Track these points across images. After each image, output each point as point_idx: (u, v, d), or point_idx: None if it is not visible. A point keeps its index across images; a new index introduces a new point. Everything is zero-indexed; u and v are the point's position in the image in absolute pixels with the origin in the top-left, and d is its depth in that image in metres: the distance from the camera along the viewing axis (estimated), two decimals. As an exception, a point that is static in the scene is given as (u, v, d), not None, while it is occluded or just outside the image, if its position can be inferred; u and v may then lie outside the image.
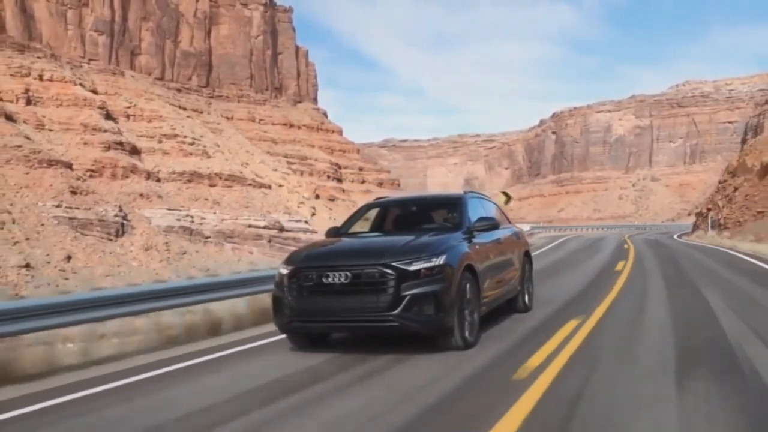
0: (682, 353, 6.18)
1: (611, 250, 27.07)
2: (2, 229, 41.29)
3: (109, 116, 66.18)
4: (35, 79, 64.60)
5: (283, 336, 6.97)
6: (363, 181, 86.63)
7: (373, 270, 6.01)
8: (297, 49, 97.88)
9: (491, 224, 7.41)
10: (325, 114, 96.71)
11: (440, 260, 6.10)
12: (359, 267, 6.08)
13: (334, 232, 7.87)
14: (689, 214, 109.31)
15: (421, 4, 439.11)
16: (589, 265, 18.86)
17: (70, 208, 49.91)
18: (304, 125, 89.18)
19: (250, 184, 67.88)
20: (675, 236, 48.19)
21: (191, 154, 67.61)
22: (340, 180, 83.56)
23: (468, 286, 6.48)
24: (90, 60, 74.67)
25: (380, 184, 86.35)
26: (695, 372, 5.40)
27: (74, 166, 56.12)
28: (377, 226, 8.12)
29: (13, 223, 43.05)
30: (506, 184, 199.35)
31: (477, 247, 6.98)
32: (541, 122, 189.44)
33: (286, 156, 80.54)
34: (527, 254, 9.23)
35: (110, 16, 77.04)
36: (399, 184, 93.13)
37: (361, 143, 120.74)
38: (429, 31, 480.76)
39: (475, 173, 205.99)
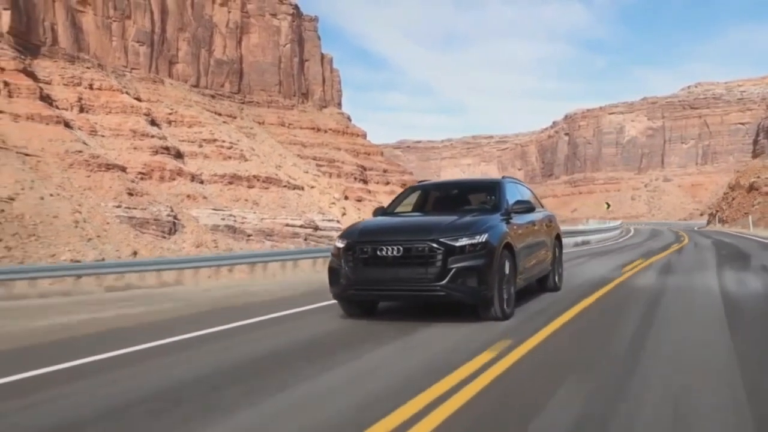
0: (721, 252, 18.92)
1: (666, 232, 44.09)
2: (77, 227, 45.80)
3: (153, 122, 70.77)
4: (86, 88, 69.32)
5: None
6: (387, 183, 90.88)
7: (423, 245, 6.55)
8: (322, 56, 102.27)
9: (527, 207, 7.88)
10: (349, 118, 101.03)
11: (483, 238, 6.63)
12: (410, 242, 6.62)
13: (381, 212, 8.47)
14: (701, 214, 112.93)
15: (430, 2, 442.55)
16: (667, 236, 36.53)
17: (129, 208, 54.44)
18: (330, 129, 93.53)
19: (285, 186, 72.25)
20: (695, 228, 62.30)
21: (230, 157, 72.07)
22: (366, 181, 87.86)
23: (506, 262, 6.99)
24: (132, 69, 79.25)
25: (403, 185, 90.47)
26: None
27: (127, 170, 60.71)
28: (419, 207, 8.63)
29: (84, 222, 47.57)
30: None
31: (514, 227, 7.49)
32: (554, 123, 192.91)
33: (315, 159, 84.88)
34: (558, 237, 9.83)
35: (150, 27, 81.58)
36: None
37: (375, 144, 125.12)
38: (438, 30, 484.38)
39: (489, 174, 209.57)
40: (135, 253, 47.24)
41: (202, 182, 66.88)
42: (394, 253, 6.59)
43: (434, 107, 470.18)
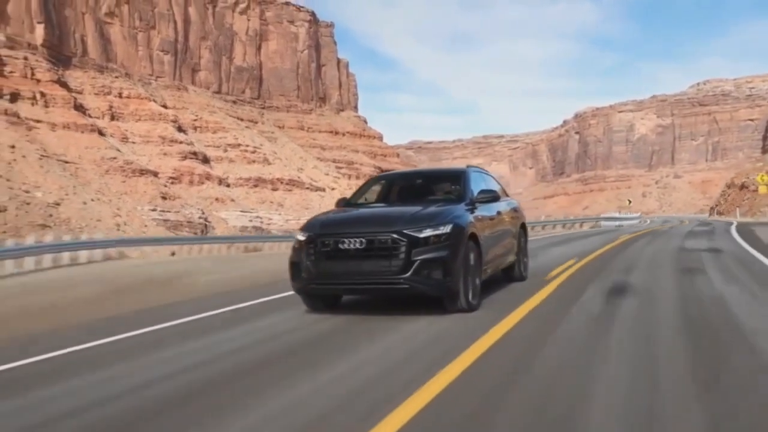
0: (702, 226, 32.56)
1: (674, 220, 58.99)
2: (119, 229, 48.60)
3: (180, 129, 73.72)
4: (116, 96, 72.37)
5: None
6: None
7: (386, 237, 6.35)
8: (338, 60, 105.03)
9: (492, 196, 7.77)
10: (365, 121, 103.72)
11: (447, 228, 6.43)
12: (373, 234, 6.42)
13: (344, 203, 8.22)
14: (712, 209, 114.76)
15: (438, 3, 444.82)
16: (674, 222, 50.92)
17: (163, 211, 57.29)
18: (348, 132, 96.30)
19: (307, 188, 75.02)
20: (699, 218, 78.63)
21: (254, 161, 74.90)
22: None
23: (472, 253, 6.81)
24: (157, 77, 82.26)
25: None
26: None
27: (159, 174, 63.61)
28: (383, 198, 8.39)
29: (125, 224, 50.39)
30: (530, 183, 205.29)
31: (479, 217, 7.31)
32: (564, 122, 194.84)
33: (334, 161, 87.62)
34: (523, 227, 9.67)
35: (174, 36, 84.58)
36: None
37: (391, 146, 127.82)
38: (445, 30, 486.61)
39: (500, 173, 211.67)
40: (173, 253, 49.92)
41: (228, 185, 69.71)
42: (357, 245, 6.39)
43: (444, 107, 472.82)
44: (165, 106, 76.42)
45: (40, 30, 68.59)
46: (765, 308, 6.28)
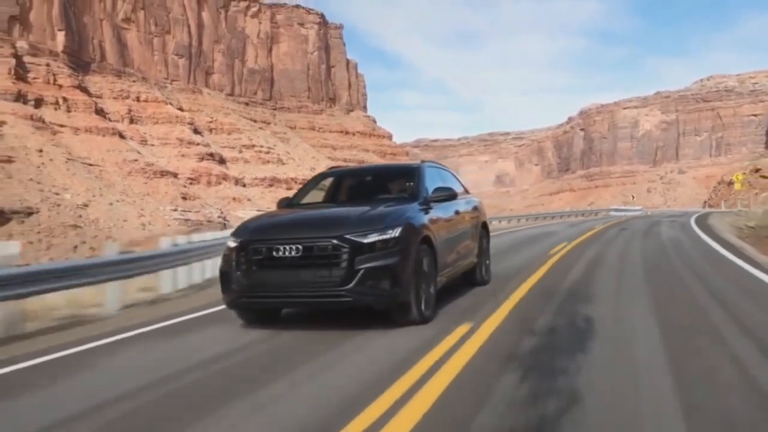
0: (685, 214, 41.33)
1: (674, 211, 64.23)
2: (144, 229, 50.85)
3: (196, 131, 75.95)
4: (134, 100, 74.63)
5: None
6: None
7: (326, 243, 5.76)
8: (347, 62, 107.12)
9: (448, 195, 7.16)
10: (374, 120, 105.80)
11: (396, 232, 5.88)
12: (311, 240, 5.82)
13: (285, 203, 7.59)
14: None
15: (443, 1, 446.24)
16: (672, 212, 57.99)
17: (184, 211, 59.52)
18: (358, 132, 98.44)
19: (320, 187, 77.19)
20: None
21: (268, 161, 77.09)
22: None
23: (425, 259, 6.26)
24: (172, 80, 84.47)
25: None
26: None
27: (178, 175, 65.83)
28: (332, 197, 7.78)
29: (150, 224, 52.61)
30: (536, 179, 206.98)
31: (434, 218, 6.74)
32: (570, 119, 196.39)
33: (345, 160, 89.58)
34: (485, 226, 9.09)
35: (188, 41, 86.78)
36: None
37: (400, 145, 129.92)
38: (451, 28, 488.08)
39: (506, 170, 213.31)
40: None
41: (244, 185, 71.91)
42: (293, 253, 5.76)
43: (450, 105, 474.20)
44: (181, 109, 78.62)
45: (60, 37, 70.84)
46: (671, 230, 20.15)
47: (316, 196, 7.91)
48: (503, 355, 4.61)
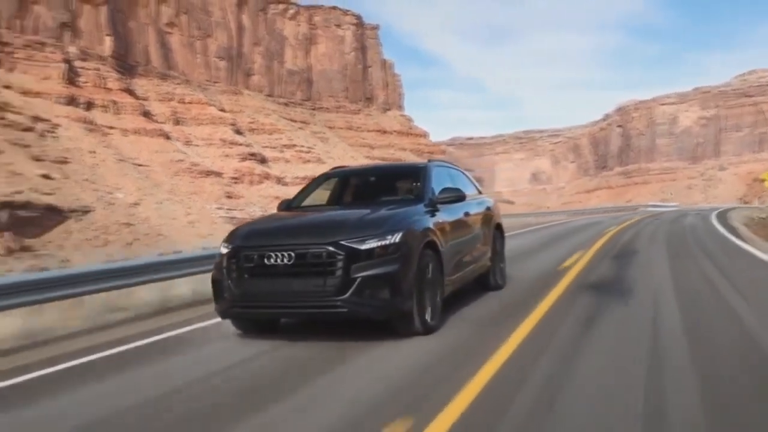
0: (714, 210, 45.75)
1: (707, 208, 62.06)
2: (193, 227, 52.61)
3: (238, 131, 77.77)
4: (178, 102, 76.72)
5: None
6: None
7: (320, 250, 5.42)
8: (384, 61, 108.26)
9: (456, 196, 6.81)
10: (411, 120, 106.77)
11: (396, 237, 5.54)
12: (304, 246, 5.50)
13: (285, 206, 7.31)
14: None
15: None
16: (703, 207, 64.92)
17: (229, 209, 61.22)
18: (395, 131, 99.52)
19: (359, 186, 78.46)
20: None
21: (308, 161, 78.57)
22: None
23: (430, 265, 5.95)
24: (214, 82, 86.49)
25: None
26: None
27: (222, 175, 67.62)
28: (336, 199, 7.52)
29: (197, 222, 54.37)
30: (572, 177, 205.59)
31: (440, 221, 6.43)
32: (606, 116, 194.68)
33: (382, 159, 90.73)
34: (499, 228, 8.71)
35: (228, 43, 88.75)
36: (483, 182, 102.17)
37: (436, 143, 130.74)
38: (484, 24, 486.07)
39: (542, 167, 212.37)
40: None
41: (286, 184, 73.40)
42: (285, 260, 5.46)
43: (484, 103, 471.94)
44: (223, 110, 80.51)
45: (108, 42, 73.17)
46: (693, 219, 27.90)
47: (322, 197, 7.66)
48: (607, 255, 12.77)
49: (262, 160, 74.61)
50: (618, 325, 6.10)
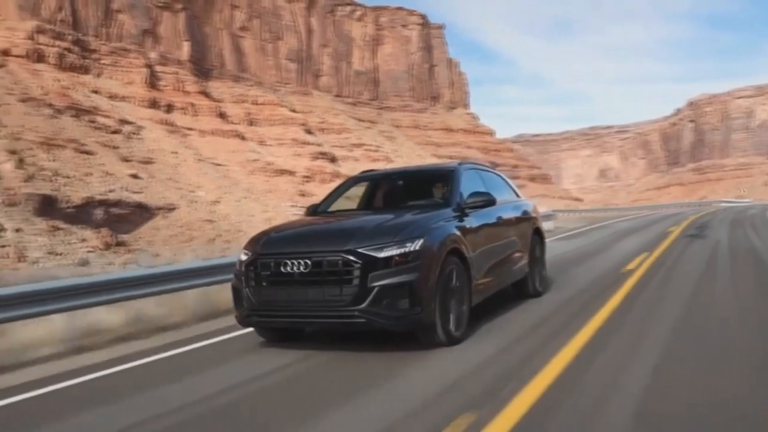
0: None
1: None
2: (270, 224, 54.65)
3: (308, 131, 79.88)
4: (251, 104, 79.39)
5: None
6: (517, 177, 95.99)
7: (336, 257, 5.27)
8: (449, 60, 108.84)
9: (485, 200, 6.58)
10: (476, 118, 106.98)
11: (416, 245, 5.33)
12: (320, 254, 5.35)
13: (312, 211, 7.22)
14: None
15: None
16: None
17: (302, 207, 63.06)
18: (460, 129, 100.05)
19: (427, 183, 79.49)
20: None
21: (377, 159, 79.96)
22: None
23: (454, 273, 5.72)
24: (285, 84, 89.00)
25: (533, 179, 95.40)
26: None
27: (295, 174, 69.73)
28: (364, 204, 7.45)
29: (274, 219, 56.35)
30: (642, 174, 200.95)
31: (468, 227, 6.24)
32: (677, 111, 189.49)
33: (449, 157, 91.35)
34: (538, 232, 8.41)
35: (298, 45, 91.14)
36: (550, 179, 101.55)
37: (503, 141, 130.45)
38: (548, 18, 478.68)
39: (610, 164, 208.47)
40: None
41: (355, 183, 75.08)
42: (301, 268, 5.37)
43: (549, 98, 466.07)
44: (294, 111, 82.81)
45: (186, 47, 76.40)
46: (756, 211, 36.32)
47: (352, 202, 7.55)
48: (693, 225, 23.71)
49: (332, 159, 76.44)
50: (702, 242, 15.57)
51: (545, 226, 31.15)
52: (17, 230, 34.37)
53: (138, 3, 72.29)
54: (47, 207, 39.20)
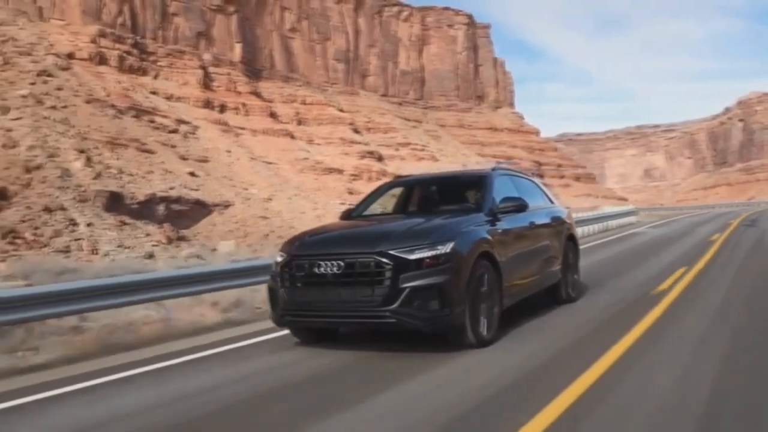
0: None
1: None
2: (320, 221, 56.23)
3: (356, 130, 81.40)
4: (300, 104, 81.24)
5: None
6: (562, 176, 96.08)
7: (368, 259, 5.44)
8: (495, 60, 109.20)
9: (517, 205, 6.69)
10: (521, 117, 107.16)
11: (447, 248, 5.47)
12: (353, 255, 5.53)
13: (347, 215, 7.52)
14: None
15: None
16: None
17: (351, 204, 64.48)
18: (505, 128, 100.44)
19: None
20: None
21: (422, 158, 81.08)
22: (541, 176, 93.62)
23: (485, 276, 5.84)
24: (332, 84, 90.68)
25: (577, 179, 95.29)
26: None
27: (343, 172, 71.27)
28: (398, 208, 7.65)
29: (324, 216, 57.94)
30: (688, 173, 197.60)
31: (499, 231, 6.34)
32: (726, 110, 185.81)
33: (494, 157, 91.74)
34: (572, 239, 8.56)
35: (345, 46, 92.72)
36: (595, 178, 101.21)
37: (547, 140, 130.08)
38: (594, 14, 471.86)
39: (655, 164, 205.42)
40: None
41: (402, 181, 76.31)
42: (334, 270, 5.53)
43: (594, 96, 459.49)
44: (341, 110, 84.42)
45: (238, 48, 78.60)
46: None
47: (386, 206, 7.83)
48: (747, 222, 28.07)
49: (379, 158, 77.79)
50: (754, 229, 22.19)
51: (630, 220, 33.22)
52: (89, 225, 36.40)
53: (192, 6, 74.72)
54: (114, 203, 41.35)
